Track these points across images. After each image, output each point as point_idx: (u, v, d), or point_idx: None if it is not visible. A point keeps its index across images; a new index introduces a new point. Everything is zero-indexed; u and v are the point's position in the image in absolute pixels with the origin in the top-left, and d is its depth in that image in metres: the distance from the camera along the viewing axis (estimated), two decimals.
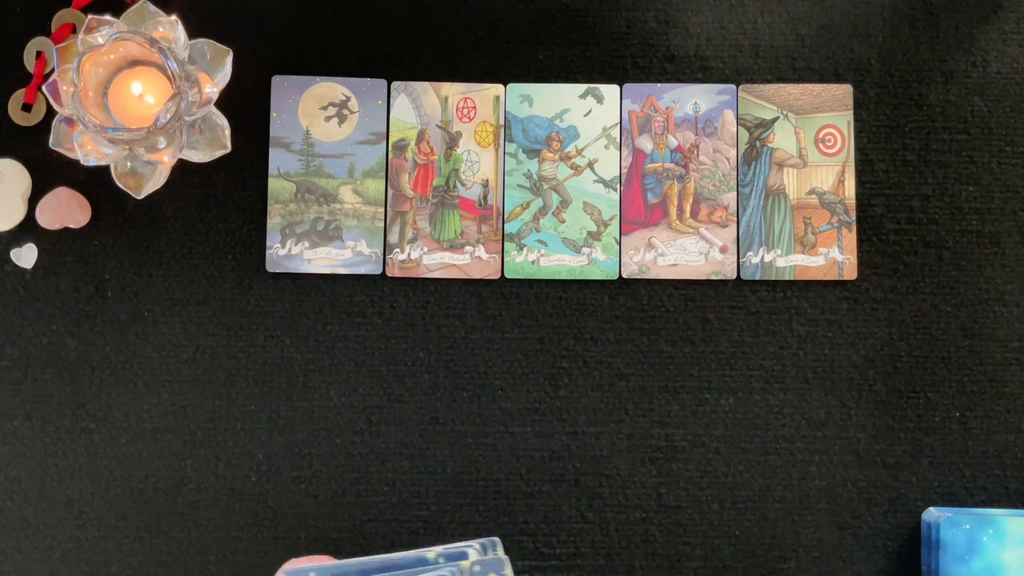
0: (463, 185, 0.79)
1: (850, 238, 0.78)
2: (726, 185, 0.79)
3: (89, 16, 0.70)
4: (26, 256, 0.78)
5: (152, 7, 0.71)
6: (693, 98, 0.79)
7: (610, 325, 0.78)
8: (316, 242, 0.78)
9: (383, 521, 0.77)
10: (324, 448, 0.77)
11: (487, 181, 0.79)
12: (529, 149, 0.79)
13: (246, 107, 0.78)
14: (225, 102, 0.74)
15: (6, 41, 0.79)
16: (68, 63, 0.70)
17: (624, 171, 0.79)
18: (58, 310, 0.77)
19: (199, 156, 0.75)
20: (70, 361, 0.77)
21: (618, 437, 0.77)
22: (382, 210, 0.78)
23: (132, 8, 0.71)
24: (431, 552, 0.66)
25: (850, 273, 0.78)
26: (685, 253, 0.78)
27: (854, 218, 0.79)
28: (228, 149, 0.74)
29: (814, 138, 0.79)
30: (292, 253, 0.78)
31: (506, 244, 0.78)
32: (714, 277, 0.78)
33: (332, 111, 0.79)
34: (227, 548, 0.76)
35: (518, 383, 0.78)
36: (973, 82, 0.80)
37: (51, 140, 0.72)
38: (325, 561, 0.69)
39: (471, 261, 0.78)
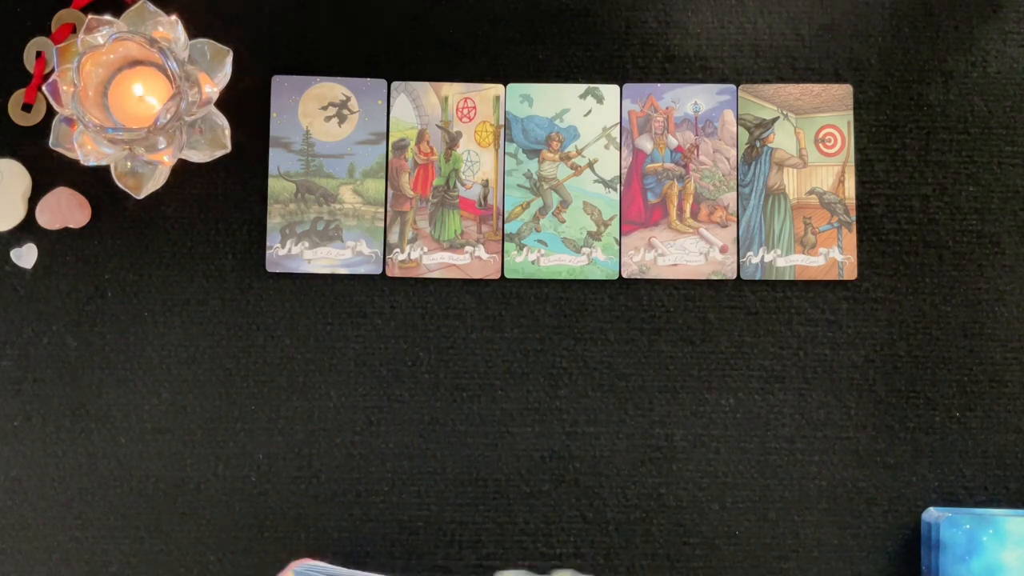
0: (463, 185, 0.79)
1: (850, 238, 0.78)
2: (726, 185, 0.79)
3: (89, 16, 0.70)
4: (26, 256, 0.78)
5: (152, 7, 0.71)
6: (693, 98, 0.79)
7: (610, 325, 0.78)
8: (316, 242, 0.78)
9: (383, 521, 0.77)
10: (324, 448, 0.77)
11: (487, 181, 0.79)
12: (529, 149, 0.79)
13: (246, 107, 0.78)
14: (225, 102, 0.74)
15: (6, 41, 0.79)
16: (68, 63, 0.69)
17: (624, 171, 0.79)
18: (58, 310, 0.77)
19: (199, 156, 0.75)
20: (70, 361, 0.77)
21: (618, 437, 0.77)
22: (382, 210, 0.78)
23: (132, 8, 0.71)
24: None
25: (850, 273, 0.78)
26: (685, 253, 0.78)
27: (854, 218, 0.79)
28: (228, 149, 0.74)
29: (814, 138, 0.79)
30: (292, 253, 0.78)
31: (506, 244, 0.78)
32: (714, 277, 0.78)
33: (332, 111, 0.79)
34: (227, 548, 0.76)
35: (518, 383, 0.77)
36: (973, 82, 0.80)
37: (51, 140, 0.72)
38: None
39: (471, 261, 0.78)
